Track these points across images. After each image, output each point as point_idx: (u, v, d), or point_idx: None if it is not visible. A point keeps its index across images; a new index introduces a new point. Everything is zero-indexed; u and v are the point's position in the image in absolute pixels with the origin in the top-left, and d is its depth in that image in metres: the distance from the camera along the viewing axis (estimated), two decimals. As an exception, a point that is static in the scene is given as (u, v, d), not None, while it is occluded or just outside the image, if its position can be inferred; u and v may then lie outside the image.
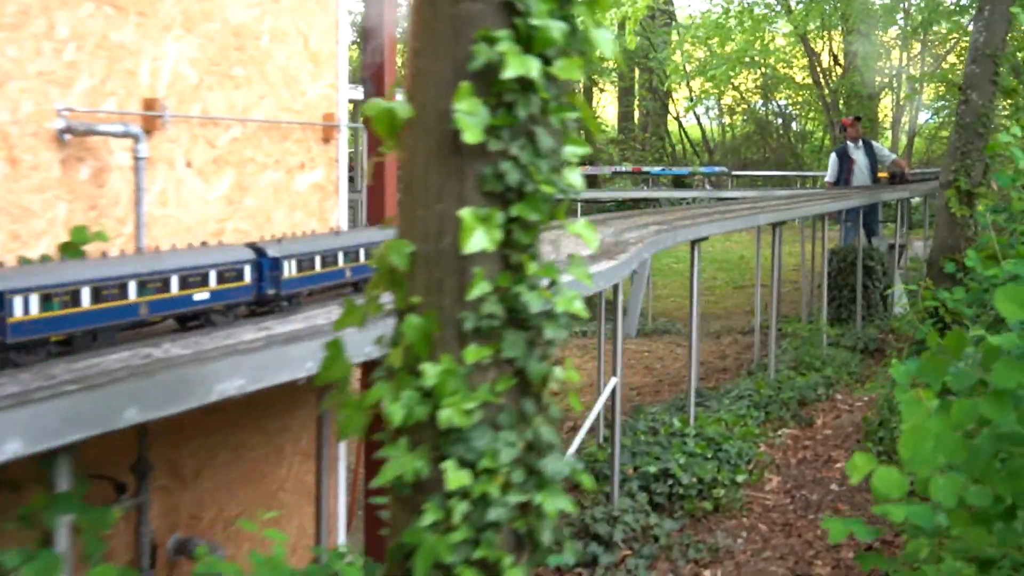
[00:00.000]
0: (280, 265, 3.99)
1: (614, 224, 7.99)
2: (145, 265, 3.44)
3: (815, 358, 11.15)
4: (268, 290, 3.96)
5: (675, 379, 12.12)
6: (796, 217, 10.56)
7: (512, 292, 2.24)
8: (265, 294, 3.95)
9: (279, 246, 4.07)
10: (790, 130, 40.02)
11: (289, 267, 4.04)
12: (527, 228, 2.25)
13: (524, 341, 2.28)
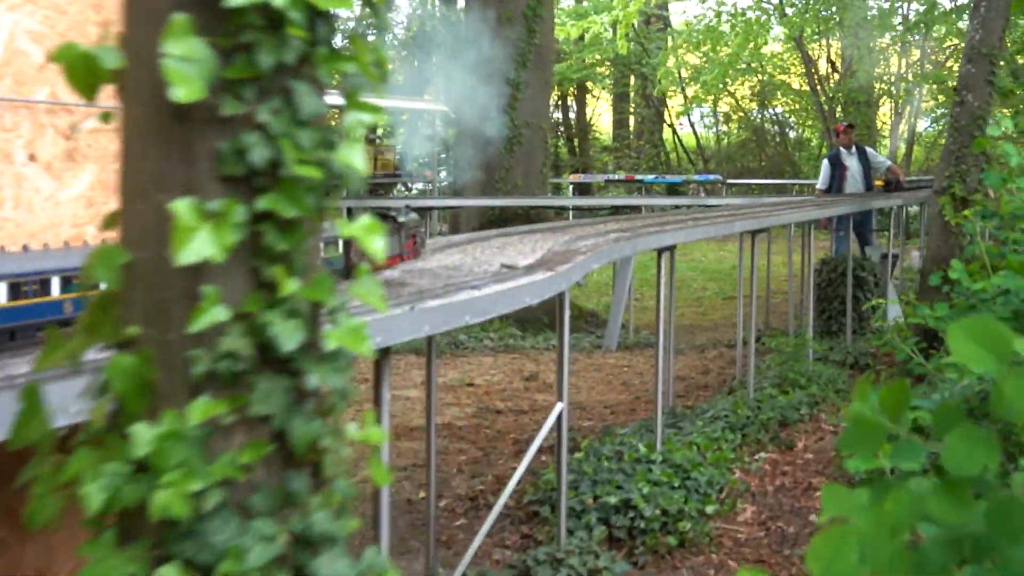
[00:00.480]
0: None
1: (572, 231, 7.32)
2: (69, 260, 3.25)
3: (799, 375, 10.48)
4: None
5: (653, 397, 11.41)
6: (775, 224, 9.89)
7: (260, 322, 1.56)
8: None
9: None
10: (787, 138, 39.38)
11: None
12: (283, 229, 1.56)
13: (283, 391, 1.59)
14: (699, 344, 14.75)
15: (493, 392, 11.45)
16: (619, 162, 41.65)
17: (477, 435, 9.67)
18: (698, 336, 15.68)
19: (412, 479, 8.38)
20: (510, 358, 13.35)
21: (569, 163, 38.86)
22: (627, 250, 6.22)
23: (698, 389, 11.70)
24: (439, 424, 10.04)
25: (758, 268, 9.57)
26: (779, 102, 38.65)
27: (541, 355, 13.58)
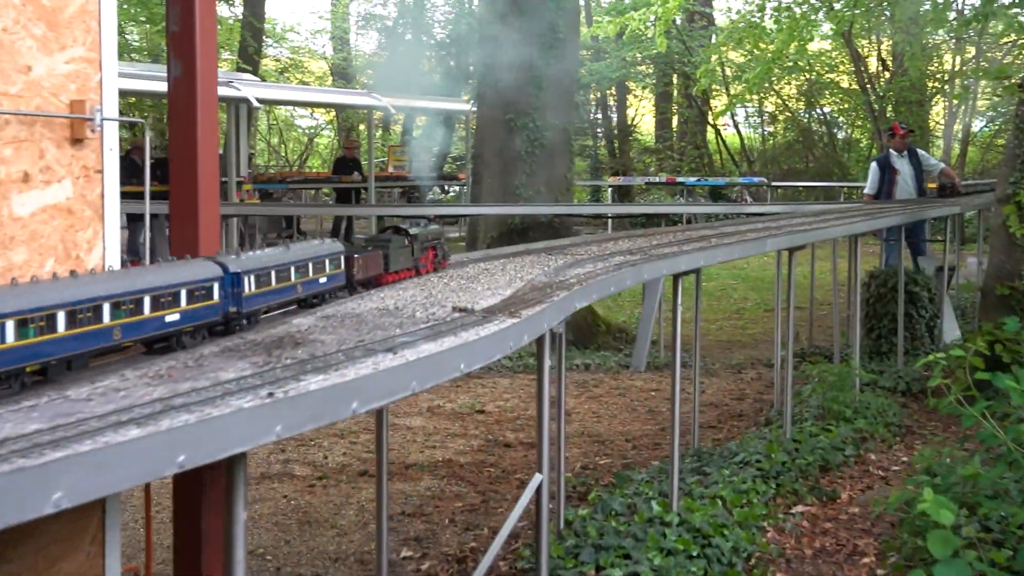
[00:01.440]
0: (241, 281, 3.79)
1: (571, 252, 6.24)
2: (118, 285, 3.19)
3: (844, 406, 9.33)
4: (229, 308, 3.75)
5: (684, 428, 10.29)
6: (815, 240, 8.76)
7: None
8: (227, 312, 3.74)
9: (238, 260, 3.83)
10: (835, 138, 37.97)
11: (249, 283, 3.84)
12: None
13: None
14: (736, 363, 13.62)
15: (504, 421, 10.39)
16: (661, 164, 40.45)
17: (479, 475, 8.61)
18: (736, 353, 14.54)
19: (397, 532, 7.34)
20: (528, 379, 12.28)
21: (609, 165, 37.70)
22: (629, 280, 5.13)
23: (732, 418, 10.58)
24: (440, 461, 9.01)
25: (801, 279, 8.42)
26: (827, 101, 37.26)
27: (562, 376, 12.48)
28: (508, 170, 13.52)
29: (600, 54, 35.65)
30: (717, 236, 7.36)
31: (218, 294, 3.66)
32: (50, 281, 3.03)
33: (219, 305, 3.67)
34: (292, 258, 4.23)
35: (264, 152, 50.66)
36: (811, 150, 37.26)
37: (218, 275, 3.67)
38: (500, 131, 13.53)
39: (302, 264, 4.28)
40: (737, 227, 8.75)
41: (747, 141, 38.76)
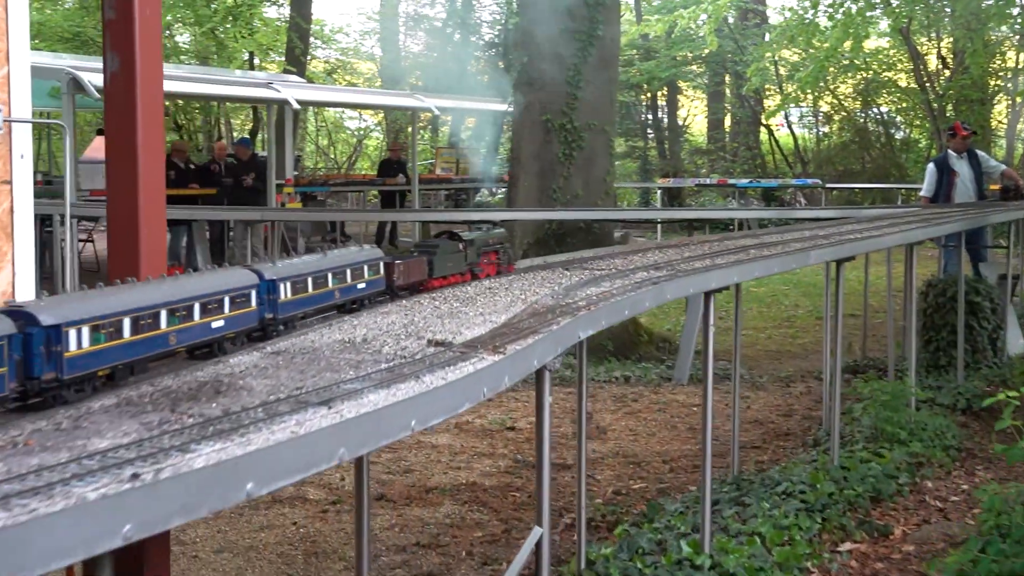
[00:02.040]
0: (277, 288, 3.91)
1: (592, 267, 5.66)
2: (172, 292, 3.34)
3: (899, 427, 8.66)
4: (266, 314, 3.87)
5: (726, 446, 9.67)
6: (867, 251, 8.10)
7: None
8: (263, 319, 3.86)
9: (274, 268, 3.97)
10: (892, 139, 36.95)
11: (285, 290, 3.96)
12: None
13: None
14: (785, 376, 12.94)
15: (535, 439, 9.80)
16: (713, 165, 39.64)
17: (503, 501, 8.05)
18: (785, 364, 13.86)
19: (409, 566, 6.80)
20: (564, 393, 11.68)
21: (659, 166, 36.97)
22: (648, 301, 4.55)
23: (777, 438, 9.94)
24: (463, 483, 8.47)
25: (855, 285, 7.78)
26: (884, 101, 36.25)
27: (601, 390, 11.91)
28: (545, 173, 12.95)
29: (650, 53, 34.97)
30: (757, 246, 6.75)
31: (255, 301, 3.78)
32: (111, 288, 3.16)
33: (256, 312, 3.79)
34: (329, 264, 4.33)
35: (313, 154, 50.48)
36: (867, 151, 36.26)
37: (255, 282, 3.79)
38: (537, 132, 12.97)
39: (340, 270, 4.38)
40: (782, 235, 8.13)
41: (801, 142, 37.85)
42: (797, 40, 22.06)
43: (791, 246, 6.78)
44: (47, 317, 2.83)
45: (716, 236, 8.73)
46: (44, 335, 2.82)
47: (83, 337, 2.87)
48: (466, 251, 5.53)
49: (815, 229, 9.30)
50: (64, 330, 2.83)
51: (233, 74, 24.79)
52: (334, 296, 4.32)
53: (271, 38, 36.38)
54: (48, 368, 2.83)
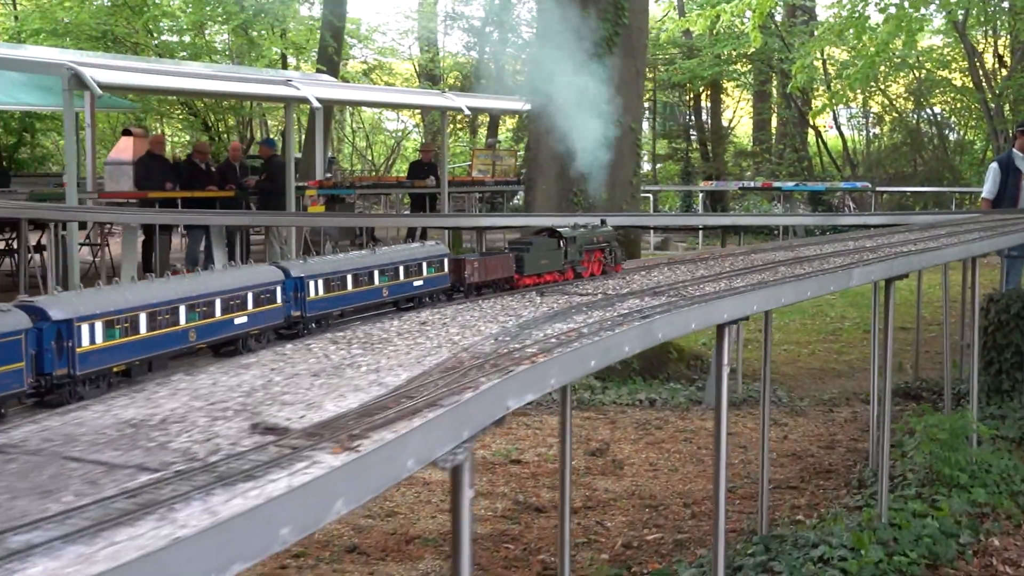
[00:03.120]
0: (305, 285, 3.94)
1: (575, 290, 4.54)
2: (191, 287, 3.36)
3: (958, 469, 7.45)
4: (293, 312, 3.90)
5: (753, 486, 8.49)
6: (919, 268, 6.93)
7: None
8: (289, 316, 3.88)
9: (303, 265, 4.01)
10: (946, 140, 35.41)
11: (315, 287, 3.98)
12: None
13: None
14: (828, 398, 11.74)
15: (542, 474, 8.71)
16: (758, 167, 38.26)
17: (493, 555, 6.94)
18: (829, 385, 12.65)
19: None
20: (582, 418, 10.57)
21: (702, 169, 35.67)
22: (628, 345, 3.43)
23: (818, 475, 8.75)
24: (450, 532, 7.33)
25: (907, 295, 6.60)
26: (937, 100, 34.73)
27: (623, 415, 10.76)
28: (565, 175, 11.81)
29: (693, 51, 33.71)
30: (790, 262, 5.58)
31: (280, 297, 3.80)
32: (128, 284, 3.21)
33: (282, 309, 3.81)
34: (376, 262, 4.33)
35: (351, 155, 49.66)
36: (920, 153, 34.76)
37: (279, 279, 3.82)
38: (555, 130, 11.83)
39: (389, 267, 4.37)
40: (821, 247, 6.96)
41: (850, 143, 36.39)
42: (846, 35, 20.73)
43: (830, 261, 5.62)
44: (58, 312, 2.82)
45: (744, 248, 7.56)
46: (55, 330, 2.81)
47: (96, 332, 2.85)
48: (565, 248, 5.46)
49: (862, 239, 8.11)
50: (76, 325, 2.82)
51: (251, 72, 23.85)
52: (382, 294, 4.34)
53: (304, 37, 35.54)
54: (60, 364, 2.80)
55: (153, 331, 3.08)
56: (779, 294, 4.51)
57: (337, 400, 2.40)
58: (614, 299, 4.20)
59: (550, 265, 5.34)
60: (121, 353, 2.95)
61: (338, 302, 4.11)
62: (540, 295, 4.55)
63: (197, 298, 3.32)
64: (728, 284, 4.63)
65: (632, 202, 12.37)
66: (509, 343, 3.09)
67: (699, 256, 6.24)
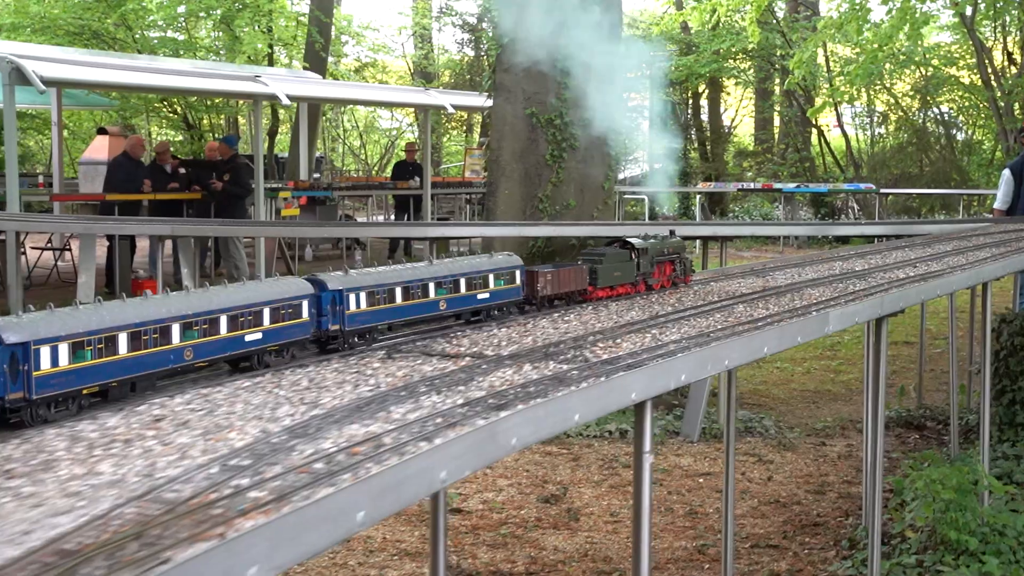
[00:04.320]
0: (344, 299, 3.90)
1: (464, 340, 3.39)
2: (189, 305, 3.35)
3: (967, 532, 6.28)
4: (329, 326, 3.87)
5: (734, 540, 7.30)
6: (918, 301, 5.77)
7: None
8: (325, 331, 3.86)
9: (343, 278, 3.99)
10: (954, 140, 34.16)
11: (356, 300, 3.95)
12: None
13: None
14: (822, 427, 10.56)
15: (484, 527, 7.55)
16: (760, 168, 37.06)
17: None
18: (823, 410, 11.48)
19: None
20: (541, 454, 9.40)
21: (700, 170, 34.47)
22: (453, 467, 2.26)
23: (803, 530, 7.58)
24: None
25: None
26: (945, 99, 33.49)
27: (588, 449, 9.59)
28: (530, 178, 10.64)
29: (691, 48, 32.51)
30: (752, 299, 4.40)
31: (307, 312, 3.78)
32: (112, 303, 3.17)
33: (308, 323, 3.79)
34: (432, 274, 4.33)
35: (345, 155, 48.58)
36: (926, 153, 33.51)
37: (308, 292, 3.82)
38: (520, 129, 10.67)
39: (448, 279, 4.36)
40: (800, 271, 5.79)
41: (854, 144, 35.15)
42: (847, 28, 19.53)
43: (804, 294, 4.43)
44: (11, 335, 2.82)
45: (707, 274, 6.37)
46: (8, 353, 2.81)
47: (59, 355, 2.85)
48: (638, 260, 5.42)
49: (853, 257, 6.94)
50: (33, 348, 2.82)
51: (218, 67, 22.68)
52: (438, 307, 4.31)
53: (292, 33, 34.45)
54: (14, 388, 2.80)
55: (135, 351, 3.07)
56: (722, 355, 3.34)
57: None
58: (481, 365, 3.05)
59: (623, 277, 5.31)
60: (86, 375, 2.93)
61: (384, 316, 4.07)
62: (390, 356, 3.42)
63: (195, 316, 3.29)
64: (658, 336, 3.47)
65: (605, 209, 11.19)
66: (226, 481, 1.93)
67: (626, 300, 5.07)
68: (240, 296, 3.51)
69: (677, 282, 5.80)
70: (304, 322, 3.74)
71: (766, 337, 3.62)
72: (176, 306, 3.27)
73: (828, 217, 30.61)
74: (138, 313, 3.12)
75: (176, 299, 3.35)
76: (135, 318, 3.09)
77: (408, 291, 4.19)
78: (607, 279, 5.17)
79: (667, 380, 3.19)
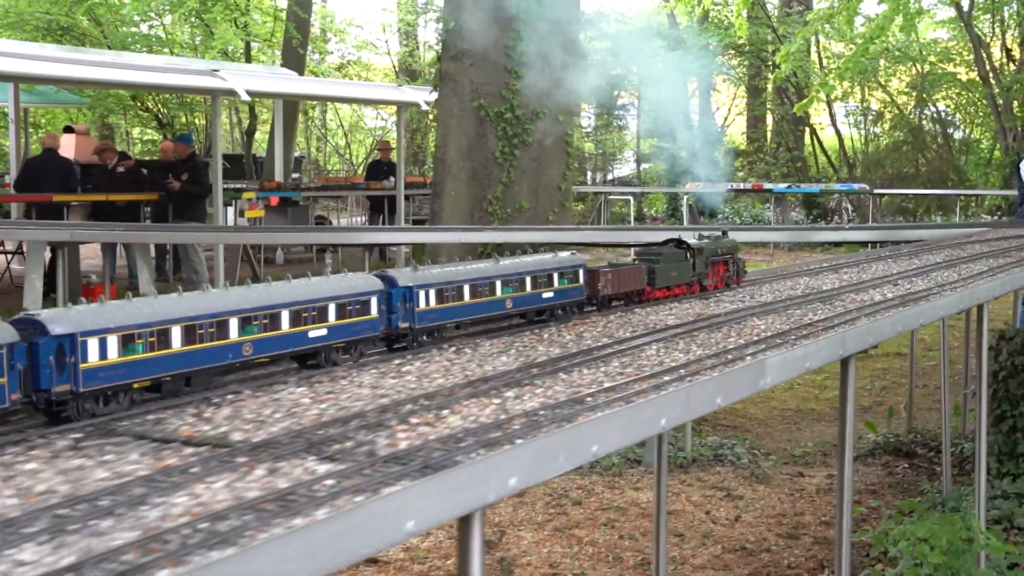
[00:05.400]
0: (414, 295, 3.84)
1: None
2: (248, 299, 3.29)
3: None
4: (399, 324, 3.81)
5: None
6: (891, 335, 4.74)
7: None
8: (395, 328, 3.80)
9: (412, 275, 3.94)
10: (950, 139, 33.13)
11: (426, 298, 3.89)
12: None
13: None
14: (800, 453, 9.54)
15: (401, 583, 6.49)
16: (752, 168, 36.04)
17: None
18: (804, 432, 10.48)
19: None
20: (511, 501, 8.30)
21: (688, 170, 33.41)
22: None
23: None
24: None
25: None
26: (941, 96, 32.47)
27: (537, 480, 8.50)
28: (478, 177, 9.60)
29: (679, 43, 31.48)
30: (677, 337, 3.37)
31: (376, 308, 3.69)
32: (167, 296, 3.12)
33: (378, 320, 3.70)
34: (498, 272, 4.28)
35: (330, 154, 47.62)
36: (922, 152, 32.48)
37: (377, 288, 3.73)
38: (468, 123, 9.62)
39: (514, 278, 4.33)
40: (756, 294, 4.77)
41: (848, 143, 34.12)
42: (837, 19, 18.48)
43: (746, 325, 3.39)
44: (58, 327, 2.78)
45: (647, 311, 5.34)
46: (55, 345, 2.77)
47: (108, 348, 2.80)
48: (693, 260, 5.42)
49: (825, 271, 5.91)
50: (80, 340, 2.78)
51: (172, 62, 21.61)
52: (505, 306, 4.29)
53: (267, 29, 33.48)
54: (61, 380, 2.77)
55: (189, 345, 3.04)
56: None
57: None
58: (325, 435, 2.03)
59: (679, 278, 5.30)
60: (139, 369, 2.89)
61: (452, 314, 4.04)
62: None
63: (255, 310, 3.25)
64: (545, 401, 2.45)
65: (562, 212, 10.12)
66: None
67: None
68: (304, 291, 3.46)
69: (730, 283, 5.74)
70: (373, 319, 3.68)
71: (660, 405, 2.58)
72: (235, 300, 3.23)
73: (821, 218, 29.65)
74: (192, 307, 3.08)
75: (235, 293, 3.30)
76: (189, 311, 3.06)
77: (476, 289, 4.14)
78: (664, 279, 5.16)
79: (515, 477, 2.17)
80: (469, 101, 9.67)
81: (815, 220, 29.20)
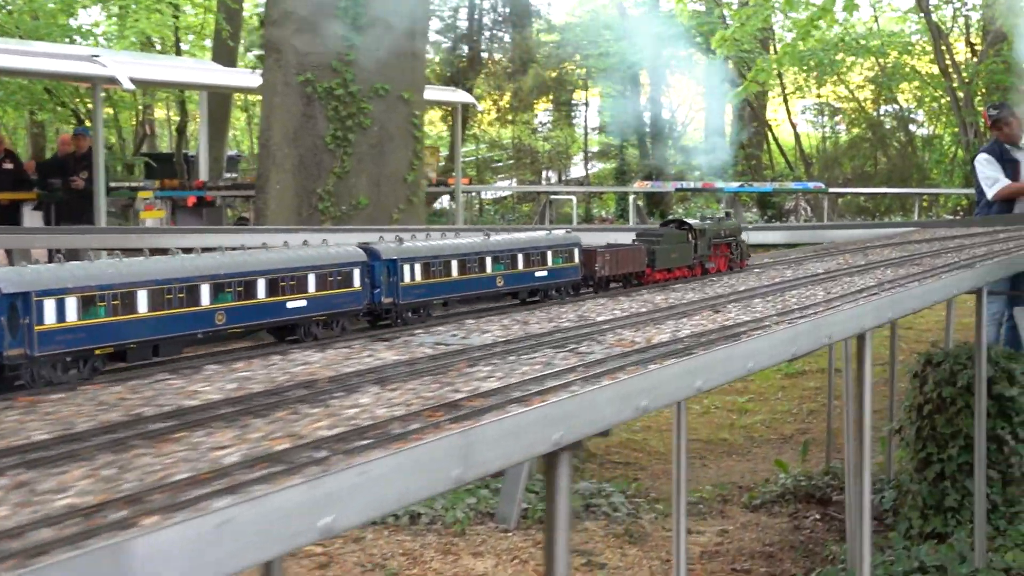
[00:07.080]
0: (398, 269, 3.63)
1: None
2: (221, 265, 3.06)
3: None
4: (383, 299, 3.59)
5: None
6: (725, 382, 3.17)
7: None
8: (378, 303, 3.57)
9: (396, 247, 3.72)
10: (912, 136, 31.67)
11: (411, 272, 3.68)
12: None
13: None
14: (695, 500, 7.90)
15: None
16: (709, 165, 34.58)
17: None
18: (709, 470, 8.96)
19: None
20: (287, 559, 6.61)
21: (638, 167, 31.91)
22: None
23: None
24: None
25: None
26: (902, 90, 31.03)
27: (355, 544, 6.87)
28: (306, 166, 7.93)
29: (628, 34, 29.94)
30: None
31: (359, 281, 3.50)
32: (133, 259, 2.89)
33: (361, 293, 3.51)
34: (488, 248, 4.07)
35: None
36: (883, 149, 31.02)
37: (360, 260, 3.53)
38: (294, 104, 7.95)
39: (505, 254, 4.12)
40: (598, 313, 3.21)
41: (806, 140, 32.64)
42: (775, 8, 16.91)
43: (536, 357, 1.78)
44: (10, 285, 2.56)
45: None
46: (7, 304, 2.54)
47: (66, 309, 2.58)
48: (695, 242, 5.30)
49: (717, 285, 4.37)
50: (35, 300, 2.54)
51: (47, 47, 19.84)
52: (495, 284, 4.07)
53: (196, 20, 31.86)
54: (14, 343, 2.54)
55: (156, 311, 2.80)
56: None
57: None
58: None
59: (680, 260, 5.18)
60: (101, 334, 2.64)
61: (439, 290, 3.82)
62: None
63: (228, 276, 3.01)
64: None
65: (409, 208, 8.44)
66: None
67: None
68: (282, 259, 3.26)
69: (733, 266, 5.65)
70: (356, 291, 3.49)
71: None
72: (207, 264, 3.02)
73: (775, 218, 28.24)
74: (160, 269, 2.87)
75: (207, 258, 3.09)
76: (156, 275, 2.84)
77: (465, 265, 3.93)
78: (665, 261, 5.05)
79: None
80: (294, 75, 7.99)
81: (770, 220, 27.84)
